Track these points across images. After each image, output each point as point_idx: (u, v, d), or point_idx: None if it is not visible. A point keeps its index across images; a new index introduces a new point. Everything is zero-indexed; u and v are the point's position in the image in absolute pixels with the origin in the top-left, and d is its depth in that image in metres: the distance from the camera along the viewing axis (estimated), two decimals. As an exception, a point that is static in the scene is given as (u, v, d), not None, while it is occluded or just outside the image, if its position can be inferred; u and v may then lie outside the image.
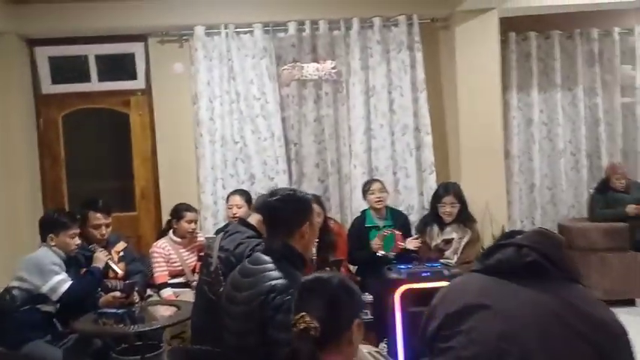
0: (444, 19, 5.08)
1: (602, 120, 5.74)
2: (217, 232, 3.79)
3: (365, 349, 2.29)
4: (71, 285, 3.21)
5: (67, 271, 3.29)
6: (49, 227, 3.34)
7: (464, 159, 4.95)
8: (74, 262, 3.43)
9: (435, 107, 5.06)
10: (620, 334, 1.46)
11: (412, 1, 4.89)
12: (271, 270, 1.92)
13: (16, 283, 3.18)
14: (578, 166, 5.77)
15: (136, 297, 3.40)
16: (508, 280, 1.51)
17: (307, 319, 1.33)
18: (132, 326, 3.05)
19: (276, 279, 1.87)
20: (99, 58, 5.00)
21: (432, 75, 5.09)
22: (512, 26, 5.45)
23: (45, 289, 3.15)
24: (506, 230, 4.79)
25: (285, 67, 4.93)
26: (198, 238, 4.21)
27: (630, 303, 4.78)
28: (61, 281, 3.19)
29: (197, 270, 4.04)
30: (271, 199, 2.08)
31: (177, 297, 3.83)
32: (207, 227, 4.67)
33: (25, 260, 3.27)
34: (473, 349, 1.40)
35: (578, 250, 4.93)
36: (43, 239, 3.34)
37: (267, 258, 1.99)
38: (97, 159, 5.36)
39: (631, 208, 4.90)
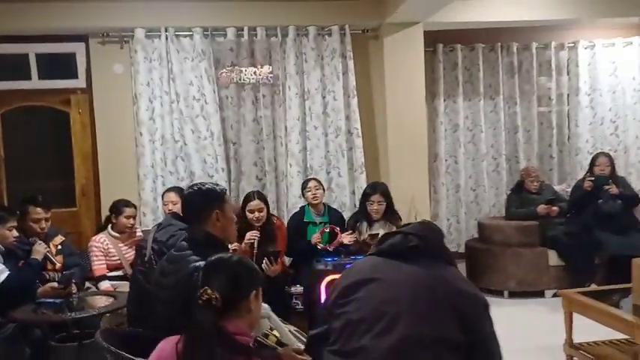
0: (373, 30, 5.40)
1: (521, 127, 6.23)
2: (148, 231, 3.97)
3: (287, 328, 2.58)
4: (9, 275, 3.33)
5: (4, 263, 3.39)
6: (-14, 221, 3.43)
7: (391, 159, 5.28)
8: (13, 255, 3.53)
9: (365, 111, 5.37)
10: (480, 304, 1.77)
11: (345, 12, 5.17)
12: (191, 256, 2.16)
13: None
14: (498, 168, 6.24)
15: (73, 288, 3.53)
16: (395, 259, 1.81)
17: (209, 291, 1.59)
18: (70, 314, 3.21)
19: (198, 261, 2.11)
20: (40, 57, 5.04)
21: (363, 81, 5.40)
22: (440, 38, 5.88)
23: None
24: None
25: (224, 70, 5.14)
26: (137, 233, 4.35)
27: (540, 294, 5.17)
28: (-1, 272, 3.30)
29: (133, 263, 4.21)
30: (185, 193, 2.36)
31: (115, 289, 3.97)
32: (147, 222, 4.80)
33: (-37, 252, 3.37)
34: (360, 312, 1.69)
35: (495, 244, 5.38)
36: (-19, 232, 3.44)
37: (187, 245, 2.23)
38: (38, 157, 5.36)
39: (541, 208, 5.30)
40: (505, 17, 5.45)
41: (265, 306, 2.14)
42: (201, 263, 2.11)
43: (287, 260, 4.66)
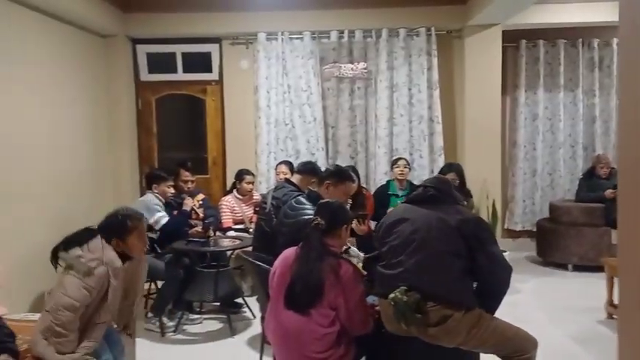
0: (457, 31, 6.07)
1: (599, 118, 6.64)
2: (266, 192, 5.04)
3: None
4: (168, 220, 4.53)
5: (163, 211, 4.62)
6: (153, 179, 4.66)
7: (467, 145, 5.97)
8: (169, 206, 4.73)
9: (445, 102, 6.07)
10: (476, 224, 2.52)
11: (432, 16, 5.89)
12: (307, 209, 3.21)
13: None
14: (575, 156, 6.70)
15: (211, 232, 4.72)
16: (418, 205, 2.66)
17: (319, 219, 2.60)
18: (209, 247, 4.39)
19: (309, 214, 3.14)
20: (184, 55, 6.18)
21: (445, 76, 6.10)
22: (523, 34, 6.41)
23: (151, 221, 4.42)
24: (499, 206, 5.86)
25: (327, 66, 6.08)
26: (254, 196, 5.45)
27: (601, 269, 5.65)
28: (161, 216, 4.51)
29: (253, 220, 5.33)
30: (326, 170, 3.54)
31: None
32: (261, 189, 5.87)
33: (138, 201, 4.65)
34: (398, 240, 2.57)
35: (562, 224, 5.93)
36: (149, 187, 4.68)
37: (306, 202, 3.28)
38: (180, 133, 6.58)
39: (608, 192, 5.75)
40: (582, 19, 5.86)
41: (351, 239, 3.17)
42: (310, 216, 3.17)
43: (372, 224, 5.56)
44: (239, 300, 4.71)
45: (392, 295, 2.43)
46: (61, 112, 4.95)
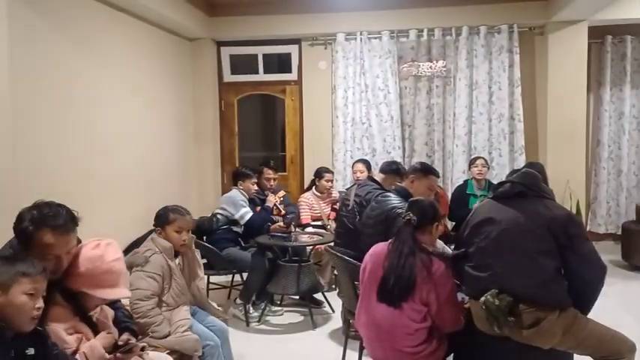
0: (539, 28, 5.93)
1: (690, 115, 6.29)
2: (348, 189, 5.13)
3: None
4: (252, 215, 4.72)
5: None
6: (239, 176, 4.86)
7: (550, 144, 5.83)
8: (252, 202, 4.91)
9: (527, 100, 5.95)
10: (567, 221, 2.42)
11: (513, 12, 5.78)
12: (393, 199, 3.28)
13: (219, 211, 4.72)
14: (664, 155, 6.37)
15: (292, 228, 4.88)
16: (504, 203, 2.58)
17: (411, 214, 2.65)
18: (292, 242, 4.54)
19: (396, 202, 3.23)
20: (265, 56, 6.39)
21: (527, 73, 5.97)
22: (609, 30, 6.17)
23: (237, 216, 4.66)
24: (583, 207, 5.67)
25: (405, 65, 6.10)
26: (333, 194, 5.58)
27: None
28: (246, 212, 4.69)
29: (330, 217, 5.45)
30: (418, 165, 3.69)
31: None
32: (337, 186, 6.00)
33: (225, 197, 4.85)
34: (485, 241, 2.54)
35: (648, 226, 5.69)
36: (235, 184, 4.87)
37: (392, 195, 3.36)
38: (260, 133, 6.81)
39: None
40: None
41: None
42: (398, 204, 3.24)
43: (449, 224, 5.56)
44: (317, 295, 4.83)
45: (483, 299, 2.42)
46: (155, 113, 5.27)
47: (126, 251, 2.99)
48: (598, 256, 2.45)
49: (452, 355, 2.72)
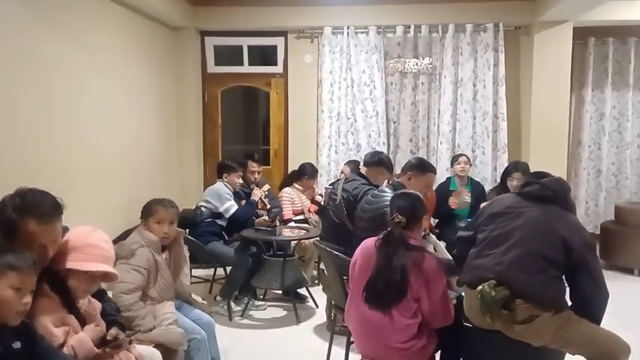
0: (525, 27, 5.97)
1: (671, 119, 6.40)
2: (333, 184, 5.10)
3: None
4: (237, 209, 4.65)
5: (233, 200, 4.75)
6: (224, 169, 4.78)
7: (532, 143, 5.88)
8: (237, 195, 4.85)
9: (511, 98, 5.99)
10: (583, 241, 2.44)
11: (500, 11, 5.81)
12: (388, 195, 3.25)
13: (203, 204, 4.65)
14: (642, 156, 6.49)
15: (277, 222, 4.83)
16: (529, 201, 2.58)
17: (399, 217, 2.60)
18: (277, 236, 4.50)
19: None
20: (250, 48, 6.32)
21: (512, 72, 6.01)
22: (592, 31, 6.23)
23: (221, 209, 4.58)
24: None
25: (391, 61, 6.09)
26: (315, 191, 5.55)
27: None
28: (231, 205, 4.62)
29: (311, 210, 5.42)
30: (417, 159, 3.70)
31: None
32: (322, 181, 5.98)
33: (209, 190, 4.76)
34: (497, 232, 2.54)
35: (629, 227, 5.76)
36: (219, 176, 4.80)
37: (389, 190, 3.34)
38: (244, 126, 6.74)
39: None
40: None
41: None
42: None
43: (433, 221, 5.57)
44: (301, 290, 4.80)
45: (480, 288, 2.42)
46: (136, 103, 5.14)
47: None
48: (605, 284, 2.47)
49: (439, 351, 2.72)
